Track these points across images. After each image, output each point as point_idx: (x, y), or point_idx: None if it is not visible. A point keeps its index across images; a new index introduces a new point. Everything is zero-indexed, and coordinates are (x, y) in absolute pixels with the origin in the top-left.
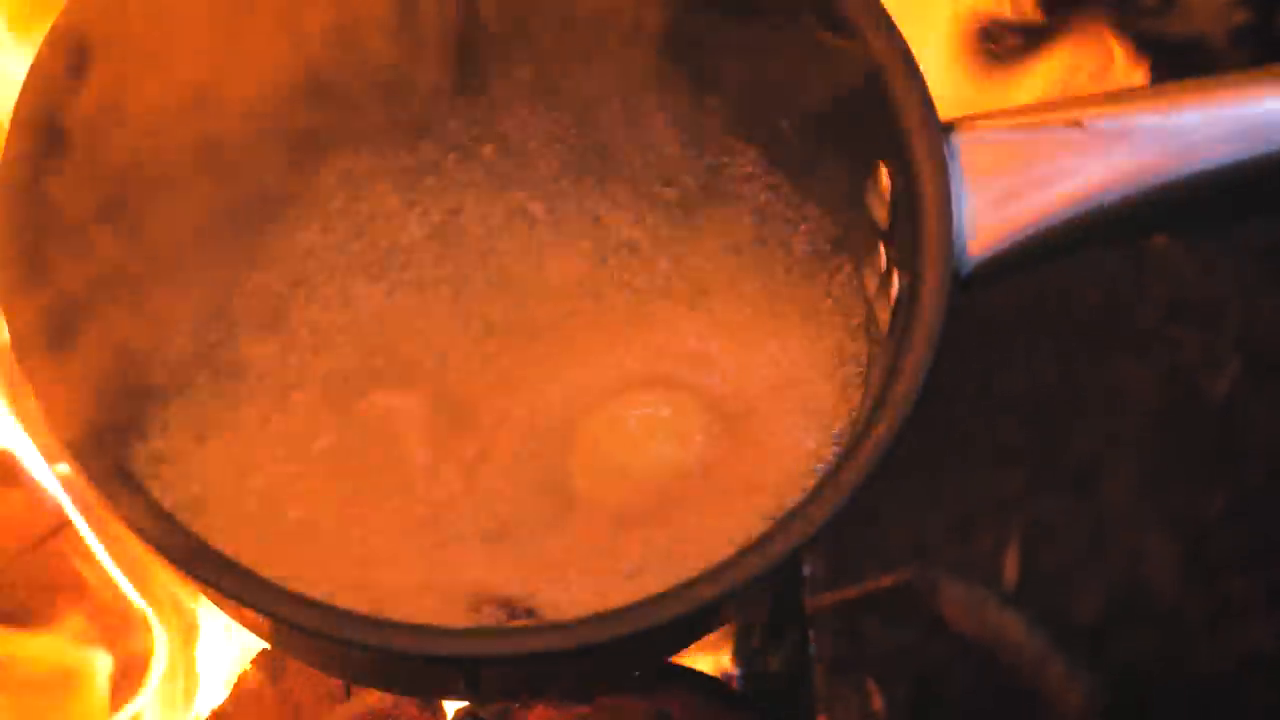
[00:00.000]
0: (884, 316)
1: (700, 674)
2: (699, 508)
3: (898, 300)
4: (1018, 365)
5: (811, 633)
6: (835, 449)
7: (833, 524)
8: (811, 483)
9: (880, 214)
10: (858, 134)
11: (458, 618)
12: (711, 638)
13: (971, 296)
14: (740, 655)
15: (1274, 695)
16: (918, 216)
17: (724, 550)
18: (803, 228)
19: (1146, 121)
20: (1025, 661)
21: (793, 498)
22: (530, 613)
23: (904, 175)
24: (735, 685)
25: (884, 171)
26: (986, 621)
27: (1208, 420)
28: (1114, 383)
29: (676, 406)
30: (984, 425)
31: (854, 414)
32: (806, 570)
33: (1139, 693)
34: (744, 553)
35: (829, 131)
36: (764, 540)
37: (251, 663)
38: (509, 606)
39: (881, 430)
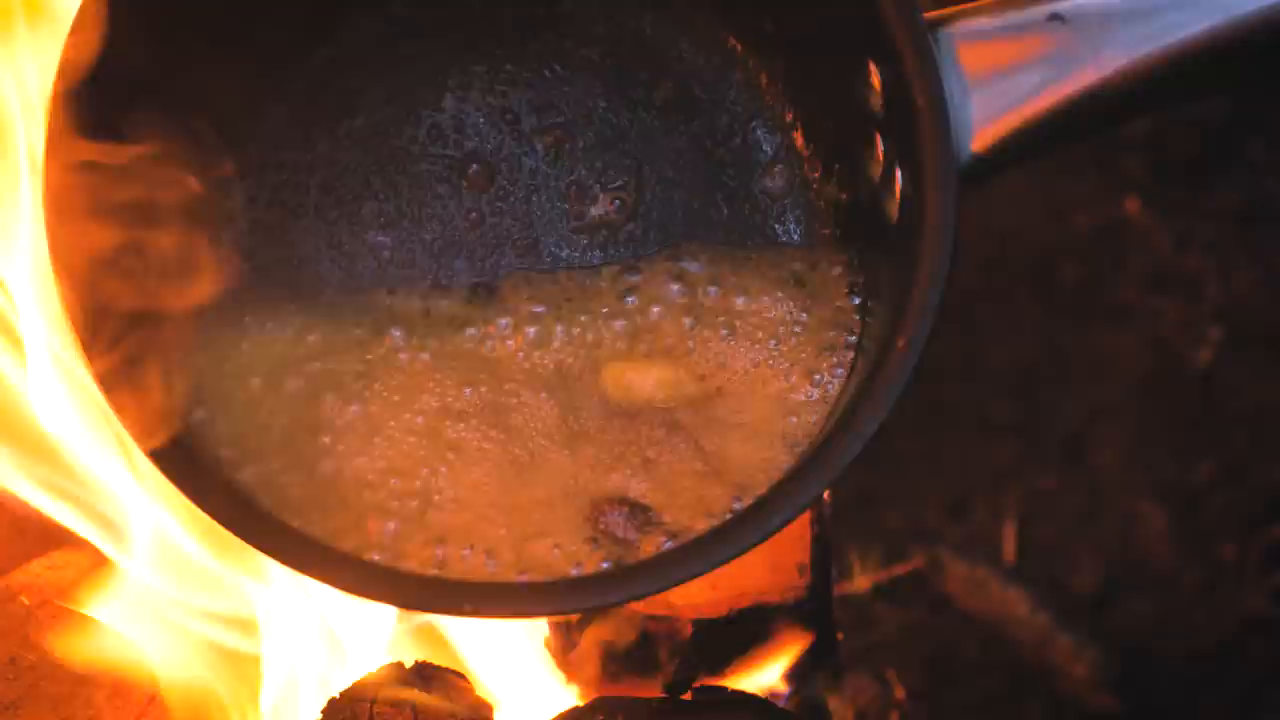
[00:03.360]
0: (891, 210)
1: (751, 695)
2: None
3: (903, 196)
4: (1003, 342)
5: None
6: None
7: (902, 393)
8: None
9: (875, 105)
10: (844, 34)
11: (583, 527)
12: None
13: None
14: (790, 677)
15: (1272, 657)
16: (912, 109)
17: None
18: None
19: (1121, 5)
20: (1031, 636)
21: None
22: (646, 510)
23: (894, 71)
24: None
25: (874, 70)
26: (991, 599)
27: (1192, 388)
28: (1098, 355)
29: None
30: (973, 402)
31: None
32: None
33: (1141, 660)
34: (830, 440)
35: (816, 32)
36: (842, 425)
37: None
38: (628, 505)
39: (919, 304)
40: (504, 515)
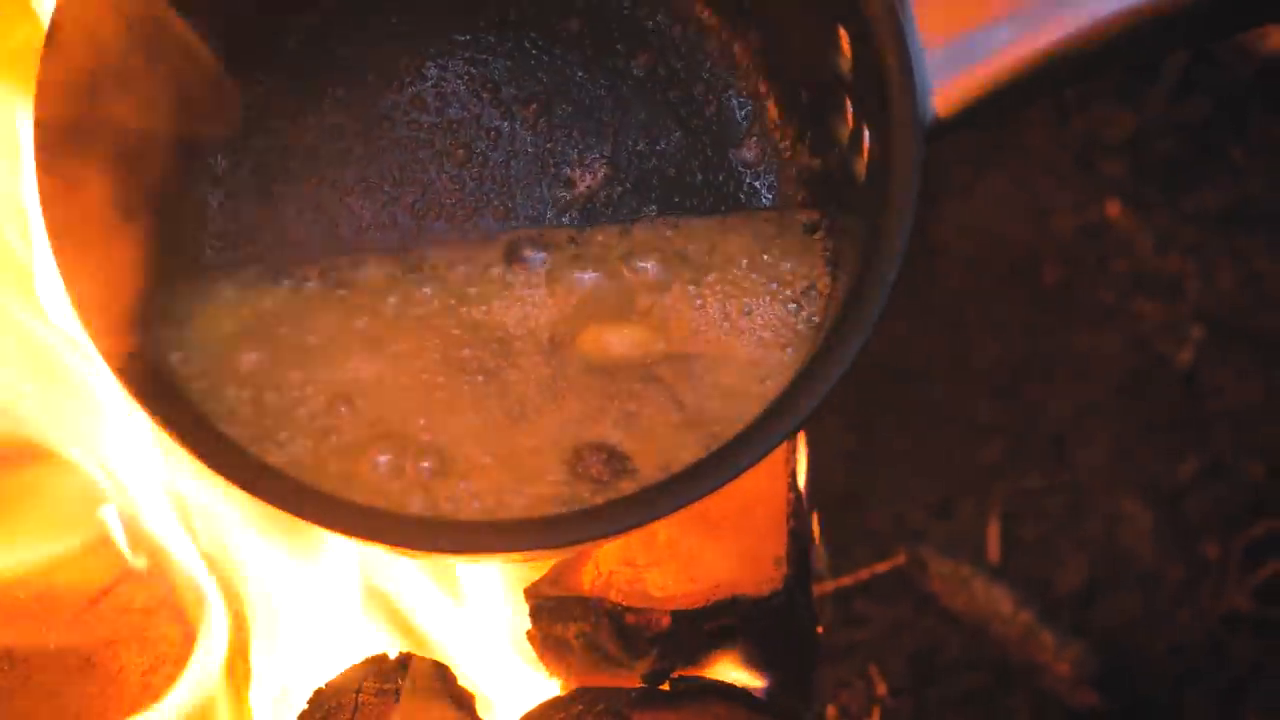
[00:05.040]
0: (859, 170)
1: (729, 685)
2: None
3: (870, 156)
4: (987, 342)
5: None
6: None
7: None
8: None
9: (844, 69)
10: (815, 2)
11: (562, 472)
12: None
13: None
14: (767, 669)
15: (1255, 652)
16: (879, 69)
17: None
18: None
19: None
20: (1014, 634)
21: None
22: (622, 457)
23: (861, 34)
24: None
25: (843, 35)
26: (975, 597)
27: (1174, 388)
28: (1081, 355)
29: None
30: (958, 402)
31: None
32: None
33: (1125, 657)
34: (806, 373)
35: (788, 2)
36: (815, 362)
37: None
38: (607, 450)
39: (882, 264)
40: (493, 462)
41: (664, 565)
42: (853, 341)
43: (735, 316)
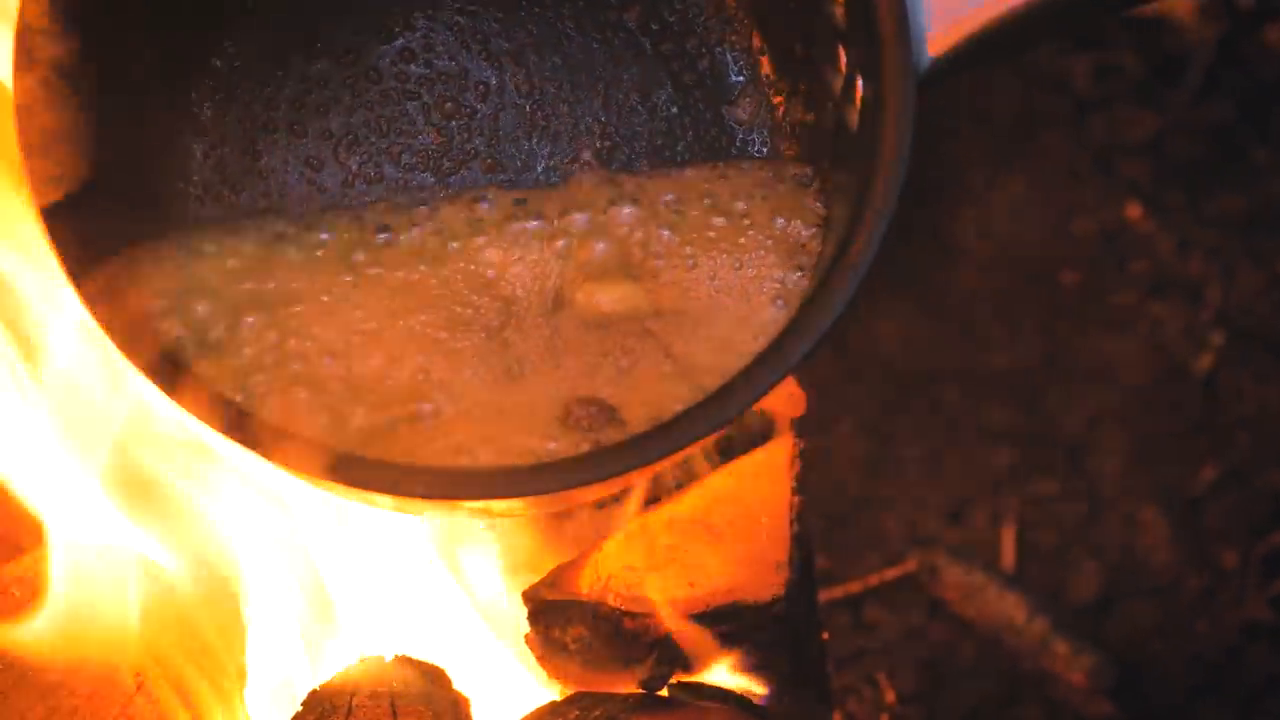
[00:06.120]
0: (852, 121)
1: (727, 691)
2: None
3: (864, 104)
4: (1004, 346)
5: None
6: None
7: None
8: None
9: (838, 16)
10: None
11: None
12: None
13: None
14: (767, 675)
15: (1273, 663)
16: (873, 15)
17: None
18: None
19: None
20: (1027, 642)
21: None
22: (612, 409)
23: None
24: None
25: None
26: (988, 605)
27: (1193, 394)
28: (1099, 361)
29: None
30: (974, 407)
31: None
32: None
33: (1140, 667)
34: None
35: None
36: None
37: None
38: (596, 404)
39: (873, 213)
40: (483, 416)
41: (664, 570)
42: (841, 293)
43: (727, 271)
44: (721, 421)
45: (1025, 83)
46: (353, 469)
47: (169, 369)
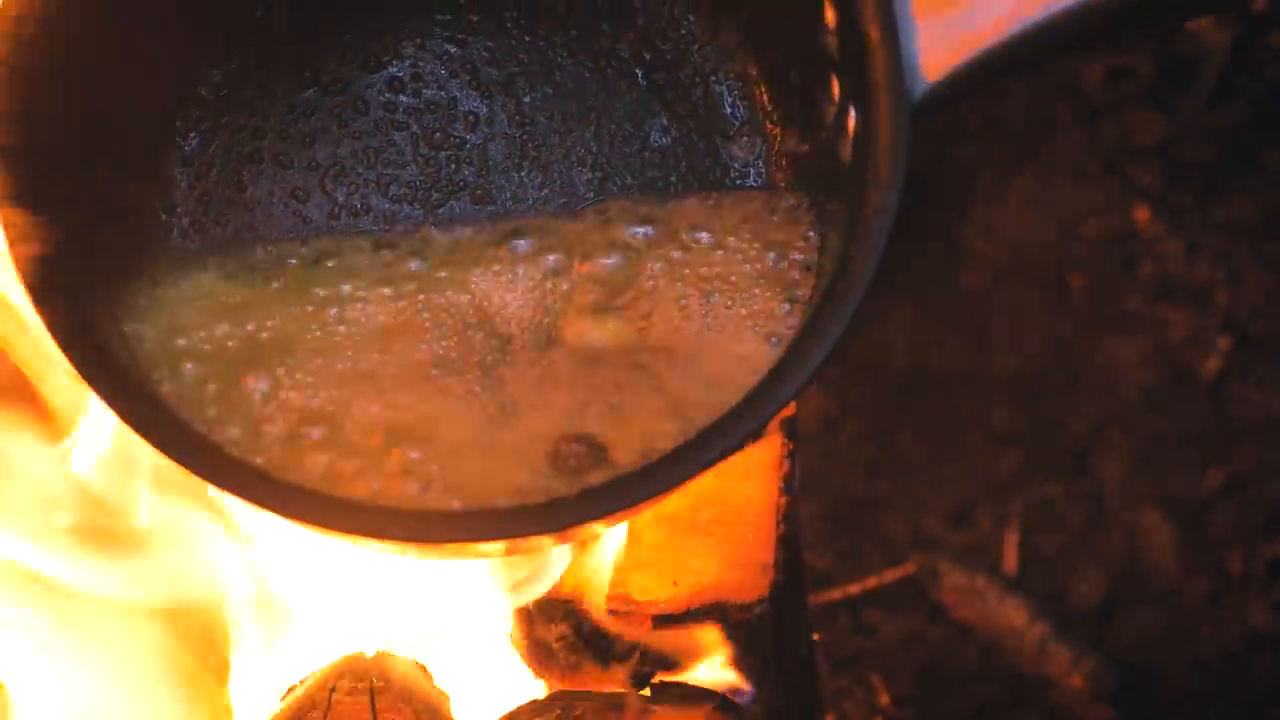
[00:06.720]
0: (845, 152)
1: (709, 690)
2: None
3: (856, 133)
4: (1010, 350)
5: (816, 633)
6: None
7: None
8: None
9: (831, 46)
10: None
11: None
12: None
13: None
14: (751, 675)
15: (1278, 671)
16: (865, 44)
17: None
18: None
19: None
20: (1027, 647)
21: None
22: (599, 446)
23: (847, 7)
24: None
25: (829, 9)
26: (988, 609)
27: (1199, 399)
28: (1105, 364)
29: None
30: (979, 411)
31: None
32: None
33: (1144, 674)
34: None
35: None
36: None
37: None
38: (586, 441)
39: (863, 249)
40: (472, 455)
41: (647, 569)
42: (831, 331)
43: (719, 306)
44: (709, 463)
45: (1035, 85)
46: (337, 514)
47: (145, 407)
